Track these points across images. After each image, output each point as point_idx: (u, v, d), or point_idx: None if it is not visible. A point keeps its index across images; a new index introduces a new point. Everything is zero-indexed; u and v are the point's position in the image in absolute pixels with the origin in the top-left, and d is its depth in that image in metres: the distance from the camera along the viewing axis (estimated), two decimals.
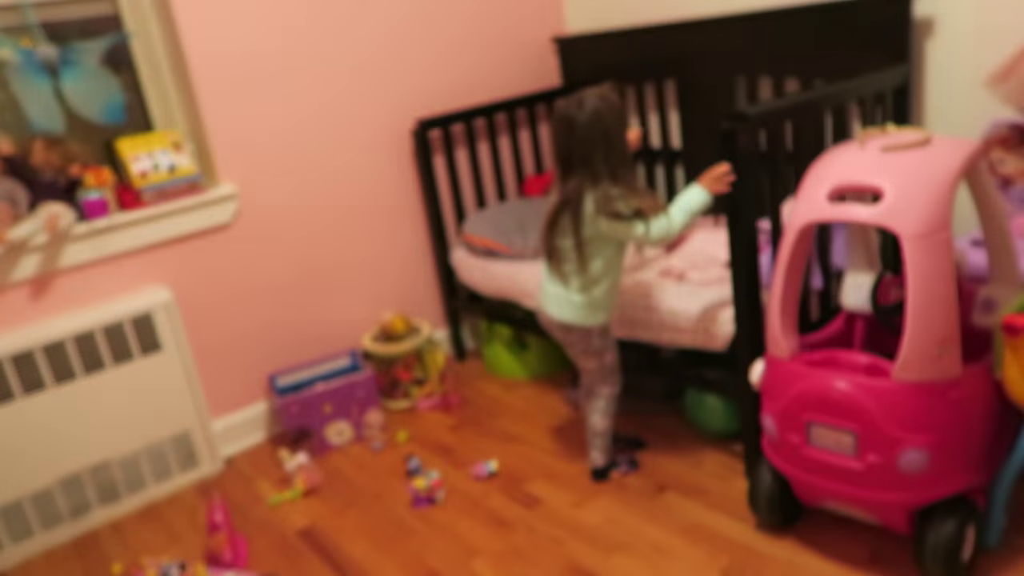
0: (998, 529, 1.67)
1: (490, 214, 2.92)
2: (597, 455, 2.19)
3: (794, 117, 1.96)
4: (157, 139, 2.45)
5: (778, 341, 1.70)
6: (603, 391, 2.14)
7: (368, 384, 2.62)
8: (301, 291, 2.76)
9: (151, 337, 2.37)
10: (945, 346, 1.49)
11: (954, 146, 1.59)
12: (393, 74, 2.86)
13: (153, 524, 2.35)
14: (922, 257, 1.47)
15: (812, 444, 1.64)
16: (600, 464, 2.19)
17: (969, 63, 2.13)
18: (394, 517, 2.19)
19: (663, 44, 2.81)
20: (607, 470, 2.20)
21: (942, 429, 1.52)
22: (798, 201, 1.66)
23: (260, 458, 2.63)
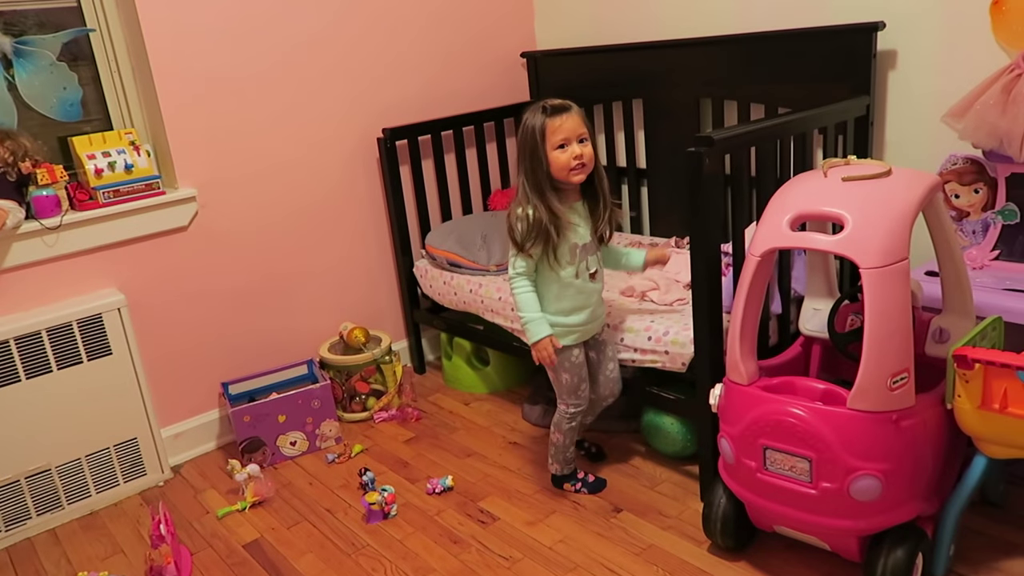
0: (945, 558, 1.69)
1: (454, 226, 2.91)
2: (552, 463, 2.21)
3: (758, 143, 1.98)
4: (114, 138, 2.38)
5: (737, 366, 1.71)
6: (559, 406, 2.14)
7: (324, 395, 2.57)
8: (259, 298, 2.71)
9: (100, 341, 2.30)
10: (899, 376, 1.51)
11: (914, 178, 1.61)
12: (361, 83, 2.83)
13: (94, 534, 2.27)
14: (880, 287, 1.49)
15: (768, 469, 1.64)
16: (555, 472, 2.21)
17: (929, 97, 2.18)
18: (345, 532, 2.15)
19: (632, 64, 2.83)
20: (560, 480, 2.21)
21: (895, 457, 1.54)
22: (760, 227, 1.67)
23: (209, 468, 2.57)
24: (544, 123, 1.88)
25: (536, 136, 1.89)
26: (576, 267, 1.98)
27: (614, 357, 2.15)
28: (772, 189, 1.77)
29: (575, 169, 1.90)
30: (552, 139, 1.88)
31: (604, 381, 2.14)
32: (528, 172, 1.92)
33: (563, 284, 1.99)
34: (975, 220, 2.10)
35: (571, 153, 1.88)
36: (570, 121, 1.89)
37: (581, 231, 1.97)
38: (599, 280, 2.04)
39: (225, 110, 2.54)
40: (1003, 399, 1.53)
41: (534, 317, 1.98)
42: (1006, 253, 2.04)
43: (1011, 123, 1.89)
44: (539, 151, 1.89)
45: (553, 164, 1.89)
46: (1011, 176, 2.01)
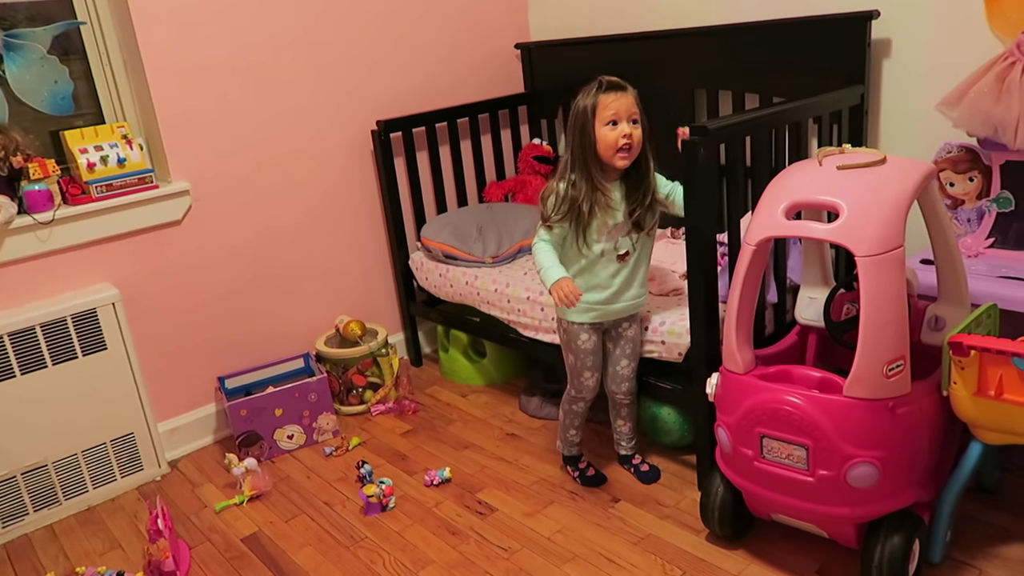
0: (942, 544, 1.70)
1: (449, 219, 2.90)
2: (558, 443, 2.22)
3: (753, 132, 1.98)
4: (106, 132, 2.37)
5: (733, 355, 1.71)
6: (567, 385, 2.15)
7: (321, 388, 2.57)
8: (254, 292, 2.70)
9: (95, 336, 2.29)
10: (895, 364, 1.52)
11: (908, 167, 1.61)
12: (355, 76, 2.82)
13: (92, 530, 2.26)
14: (876, 275, 1.49)
15: (765, 457, 1.65)
16: (558, 449, 2.23)
17: (923, 85, 2.18)
18: (343, 525, 2.15)
19: (626, 54, 2.82)
20: (564, 461, 2.23)
21: (891, 445, 1.55)
22: (755, 216, 1.67)
23: (207, 462, 2.56)
24: (597, 99, 1.86)
25: (587, 112, 1.86)
26: (603, 246, 1.94)
27: (631, 355, 2.09)
28: (767, 179, 1.77)
29: (622, 150, 1.86)
30: (602, 115, 1.85)
31: (612, 375, 2.11)
32: (575, 147, 1.90)
33: (589, 260, 1.96)
34: (970, 208, 2.10)
35: (620, 132, 1.85)
36: (623, 100, 1.85)
37: (616, 212, 1.93)
38: (630, 264, 1.98)
39: (218, 103, 2.53)
40: (999, 386, 1.54)
41: (550, 264, 1.90)
42: (1001, 241, 2.05)
43: (1005, 111, 1.89)
44: (588, 127, 1.86)
45: (601, 142, 1.86)
46: (1005, 164, 2.02)
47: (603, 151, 1.87)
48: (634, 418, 2.18)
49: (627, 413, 2.16)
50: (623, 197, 1.94)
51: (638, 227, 1.95)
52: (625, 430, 2.19)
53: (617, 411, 2.17)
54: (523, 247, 2.75)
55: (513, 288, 2.48)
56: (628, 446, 2.21)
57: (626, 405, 2.15)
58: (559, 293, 1.86)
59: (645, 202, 1.94)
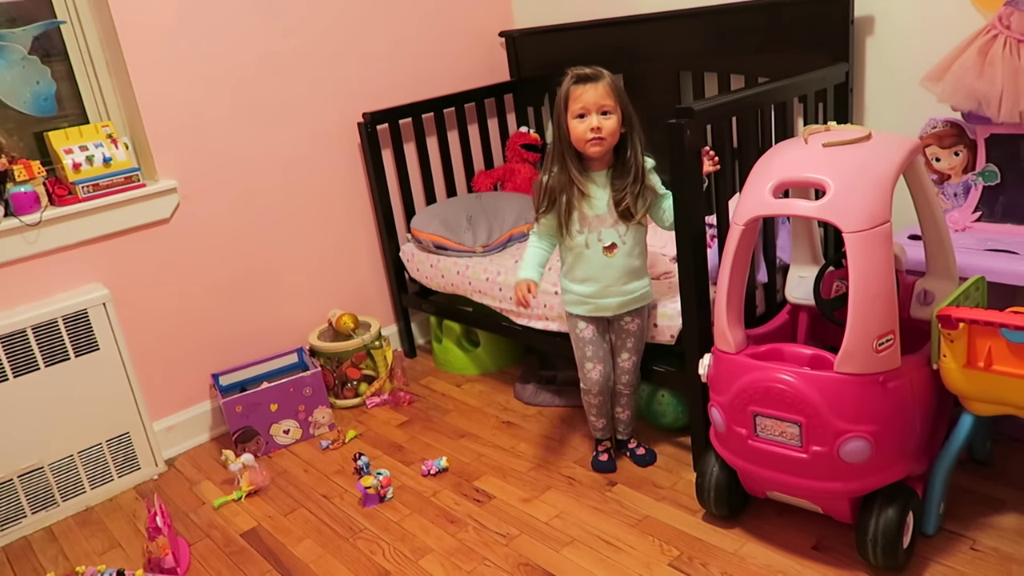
0: (936, 516, 1.72)
1: (439, 209, 2.90)
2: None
3: (739, 113, 1.98)
4: (91, 131, 2.36)
5: (725, 335, 1.72)
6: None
7: (316, 382, 2.57)
8: (246, 288, 2.70)
9: (87, 337, 2.29)
10: (885, 338, 1.53)
11: (894, 142, 1.62)
12: (339, 68, 2.81)
13: (91, 530, 2.27)
14: (864, 250, 1.50)
15: (759, 435, 1.66)
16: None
17: (907, 61, 2.18)
18: (342, 517, 2.16)
19: (611, 40, 2.82)
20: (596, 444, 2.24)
21: (883, 419, 1.56)
22: (743, 196, 1.68)
23: (203, 459, 2.56)
24: (568, 90, 1.86)
25: (561, 103, 1.88)
26: (585, 237, 1.94)
27: (632, 349, 2.08)
28: (754, 159, 1.78)
29: (592, 141, 1.86)
30: (572, 107, 1.86)
31: (616, 368, 2.11)
32: (554, 139, 1.93)
33: (576, 252, 1.98)
34: (956, 183, 2.11)
35: (588, 125, 1.85)
36: (592, 92, 1.84)
37: (596, 202, 1.91)
38: (620, 256, 1.95)
39: (203, 99, 2.51)
40: (988, 357, 1.55)
41: (524, 265, 2.00)
42: (987, 214, 2.06)
43: (988, 84, 1.90)
44: (562, 119, 1.88)
45: (572, 133, 1.88)
46: (990, 137, 2.02)
47: (575, 142, 1.89)
48: (633, 407, 2.19)
49: (626, 402, 2.16)
50: (607, 186, 1.92)
51: (625, 216, 1.92)
52: (623, 417, 2.19)
53: (616, 399, 2.17)
54: (513, 235, 2.75)
55: (504, 276, 2.48)
56: (624, 431, 2.22)
57: (625, 395, 2.15)
58: (515, 293, 1.97)
59: (635, 189, 1.91)
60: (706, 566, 1.77)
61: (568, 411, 2.52)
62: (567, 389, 2.58)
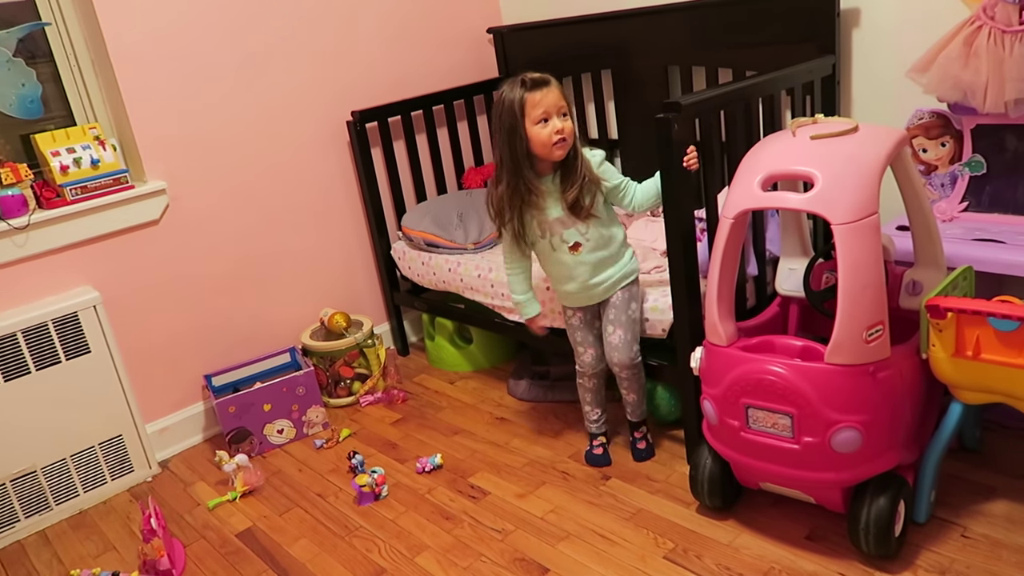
0: (927, 504, 1.74)
1: (429, 207, 2.90)
2: None
3: (727, 106, 1.99)
4: (78, 133, 2.35)
5: (716, 328, 1.73)
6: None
7: (309, 381, 2.57)
8: (237, 289, 2.69)
9: (78, 339, 2.28)
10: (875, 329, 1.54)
11: (881, 134, 1.63)
12: (327, 66, 2.81)
13: (85, 533, 2.26)
14: (852, 241, 1.51)
15: (751, 427, 1.67)
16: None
17: (893, 53, 2.20)
18: (337, 515, 2.16)
19: (599, 35, 2.82)
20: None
21: (873, 409, 1.57)
22: (732, 189, 1.68)
23: (197, 461, 2.56)
24: (523, 97, 1.83)
25: (515, 111, 1.84)
26: (549, 240, 1.97)
27: (615, 322, 2.04)
28: (743, 152, 1.79)
29: (557, 144, 1.86)
30: (532, 114, 1.83)
31: (605, 346, 2.08)
32: (505, 149, 1.89)
33: (545, 255, 2.01)
34: (943, 173, 2.13)
35: (552, 128, 1.84)
36: (551, 95, 1.84)
37: (552, 206, 1.94)
38: (586, 252, 1.97)
39: (191, 99, 2.50)
40: (976, 346, 1.56)
41: (520, 300, 2.09)
42: (974, 204, 2.07)
43: (973, 75, 1.91)
44: (518, 127, 1.84)
45: (534, 140, 1.86)
46: (976, 128, 2.04)
47: (538, 148, 1.87)
48: (638, 391, 2.12)
49: (628, 385, 2.11)
50: (558, 187, 1.93)
51: (578, 213, 1.92)
52: (629, 399, 2.14)
53: (619, 382, 2.13)
54: None
55: (496, 273, 2.49)
56: (633, 413, 2.16)
57: (624, 378, 2.09)
58: (531, 329, 2.15)
59: (581, 183, 1.91)
60: (700, 558, 1.78)
61: (561, 406, 2.52)
62: (560, 384, 2.59)
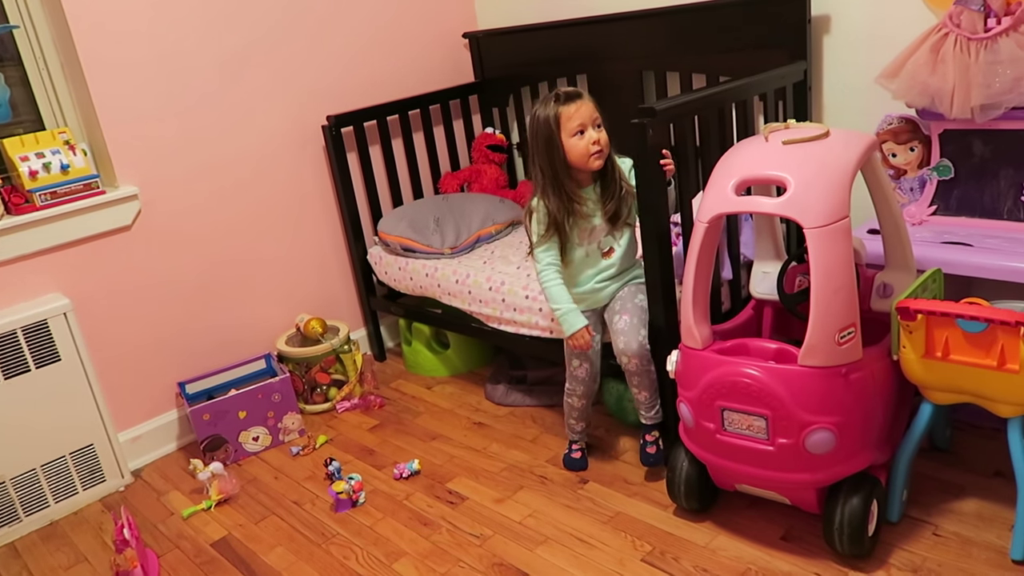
0: (899, 503, 1.76)
1: (406, 211, 2.89)
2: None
3: (701, 112, 2.01)
4: (47, 138, 2.31)
5: (691, 331, 1.74)
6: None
7: (284, 388, 2.55)
8: (210, 294, 2.66)
9: (47, 347, 2.24)
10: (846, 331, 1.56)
11: (851, 139, 1.65)
12: (303, 70, 2.79)
13: (56, 544, 2.22)
14: (824, 245, 1.53)
15: (726, 429, 1.68)
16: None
17: (862, 60, 2.23)
18: (314, 523, 2.14)
19: (574, 40, 2.84)
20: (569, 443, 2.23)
21: (846, 410, 1.59)
22: (707, 194, 1.70)
23: (171, 469, 2.53)
24: (559, 112, 1.87)
25: (551, 125, 1.88)
26: (586, 247, 2.01)
27: (623, 309, 2.02)
28: (717, 157, 1.80)
29: (595, 155, 1.90)
30: (568, 126, 1.87)
31: (612, 335, 2.04)
32: (544, 162, 1.92)
33: (576, 261, 2.04)
34: (912, 177, 2.16)
35: (589, 139, 1.88)
36: (584, 107, 1.88)
37: (594, 216, 1.98)
38: (616, 258, 2.03)
39: (163, 103, 2.48)
40: (945, 347, 1.59)
41: (566, 309, 1.99)
42: (943, 208, 2.11)
43: (941, 81, 1.94)
44: (555, 139, 1.88)
45: (571, 152, 1.90)
46: (944, 133, 2.07)
47: (576, 160, 1.91)
48: (649, 387, 2.03)
49: (638, 381, 2.02)
50: (599, 197, 1.98)
51: (617, 222, 1.99)
52: (641, 398, 2.06)
53: (629, 377, 2.05)
54: (481, 236, 2.75)
55: (474, 278, 2.49)
56: (646, 415, 2.07)
57: (632, 371, 2.01)
58: (577, 343, 2.00)
59: (619, 193, 1.98)
60: (678, 560, 1.79)
61: (539, 410, 2.53)
62: (538, 389, 2.59)
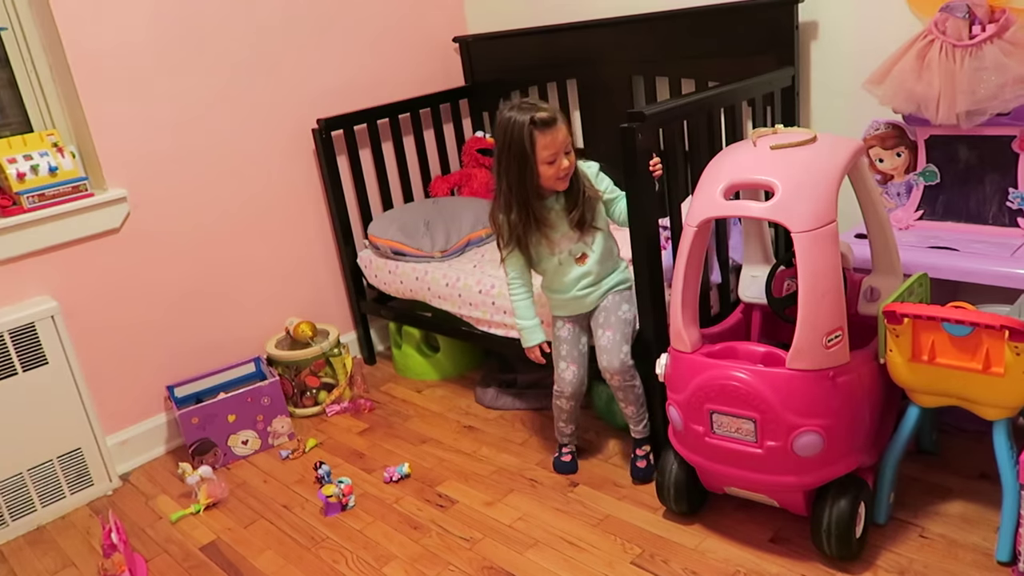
0: (886, 505, 1.78)
1: (396, 215, 2.89)
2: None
3: (690, 116, 2.02)
4: (35, 140, 2.30)
5: (680, 335, 1.75)
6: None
7: (274, 392, 2.54)
8: (200, 298, 2.66)
9: (35, 350, 2.23)
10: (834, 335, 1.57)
11: (838, 144, 1.67)
12: (293, 74, 2.79)
13: (42, 549, 2.21)
14: (811, 249, 1.54)
15: (715, 432, 1.69)
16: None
17: (850, 65, 2.25)
18: (304, 527, 2.14)
19: (563, 45, 2.85)
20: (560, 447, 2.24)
21: (833, 413, 1.60)
22: (696, 198, 1.71)
23: (160, 473, 2.52)
24: (535, 138, 1.86)
25: (526, 148, 1.86)
26: (557, 257, 2.01)
27: (605, 324, 2.03)
28: (705, 161, 1.81)
29: (562, 179, 1.92)
30: (542, 154, 1.87)
31: (597, 351, 2.05)
32: (513, 179, 1.91)
33: (552, 271, 2.04)
34: (899, 182, 2.18)
35: (559, 167, 1.89)
36: (560, 135, 1.88)
37: (560, 226, 1.98)
38: (591, 263, 2.01)
39: (152, 107, 2.47)
40: (931, 351, 1.61)
41: (527, 325, 2.10)
42: (929, 212, 2.13)
43: (927, 87, 1.96)
44: (529, 163, 1.88)
45: (542, 175, 1.90)
46: (930, 138, 2.10)
47: (544, 182, 1.92)
48: (635, 401, 2.05)
49: (623, 396, 2.05)
50: (563, 207, 1.98)
51: (583, 228, 1.99)
52: (628, 412, 2.08)
53: (614, 392, 2.07)
54: (471, 240, 2.76)
55: (464, 281, 2.49)
56: (635, 429, 2.10)
57: (616, 387, 2.03)
58: (531, 356, 2.13)
59: (583, 200, 1.97)
60: (667, 562, 1.80)
61: (529, 414, 2.53)
62: (528, 392, 2.60)
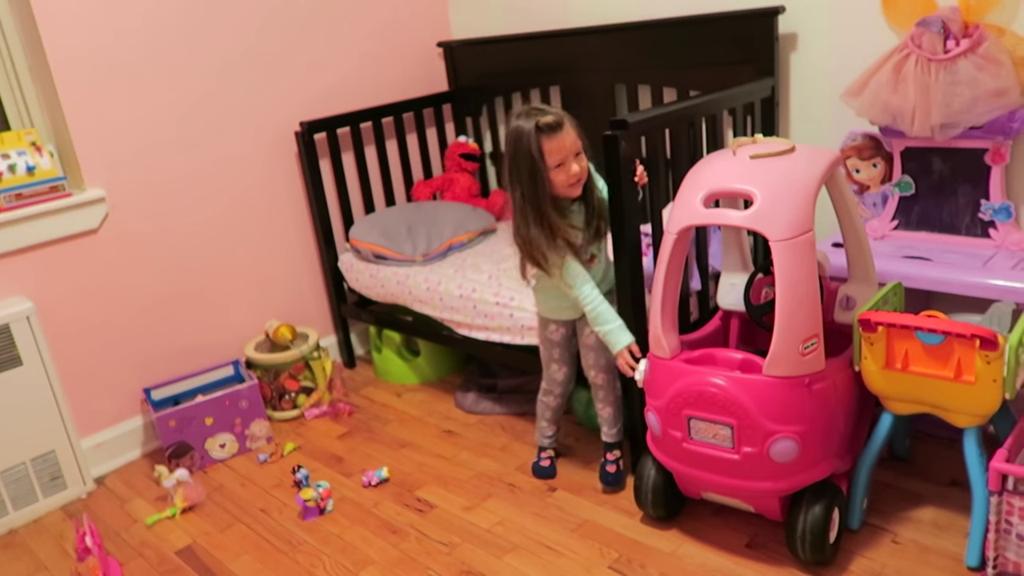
0: (860, 511, 1.80)
1: (378, 219, 2.89)
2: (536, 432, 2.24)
3: (671, 125, 2.04)
4: (13, 139, 2.28)
5: (660, 341, 1.77)
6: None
7: (252, 395, 2.53)
8: (178, 300, 2.64)
9: (9, 352, 2.20)
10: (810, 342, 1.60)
11: (816, 154, 1.70)
12: (276, 76, 2.78)
13: (14, 553, 2.18)
14: (789, 257, 1.56)
15: (693, 438, 1.71)
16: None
17: (828, 77, 2.29)
18: (281, 531, 2.12)
19: (547, 52, 2.87)
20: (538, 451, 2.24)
21: (809, 420, 1.62)
22: (676, 206, 1.73)
23: (135, 477, 2.49)
24: (541, 143, 1.81)
25: (534, 156, 1.81)
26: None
27: (595, 366, 2.05)
28: (686, 169, 1.83)
29: (573, 185, 1.87)
30: (550, 160, 1.82)
31: (581, 349, 2.06)
32: (526, 189, 1.85)
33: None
34: (875, 193, 2.22)
35: (568, 172, 1.84)
36: (567, 138, 1.83)
37: (578, 231, 1.93)
38: (598, 264, 1.98)
39: (133, 107, 2.45)
40: (904, 359, 1.63)
41: (616, 327, 1.91)
42: (904, 223, 2.17)
43: (902, 100, 2.00)
44: (539, 169, 1.82)
45: (553, 182, 1.85)
46: (905, 150, 2.13)
47: (557, 189, 1.87)
48: (614, 403, 2.07)
49: (603, 396, 2.06)
50: (582, 213, 1.94)
51: (599, 233, 1.96)
52: (604, 414, 2.09)
53: (595, 391, 2.09)
54: (453, 245, 2.76)
55: (445, 286, 2.49)
56: (607, 431, 2.11)
57: (599, 385, 2.05)
58: (619, 362, 1.91)
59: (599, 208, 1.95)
60: (644, 567, 1.81)
61: (509, 419, 2.54)
62: (508, 397, 2.60)
